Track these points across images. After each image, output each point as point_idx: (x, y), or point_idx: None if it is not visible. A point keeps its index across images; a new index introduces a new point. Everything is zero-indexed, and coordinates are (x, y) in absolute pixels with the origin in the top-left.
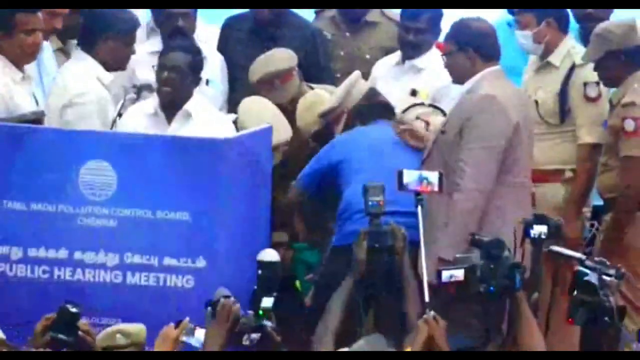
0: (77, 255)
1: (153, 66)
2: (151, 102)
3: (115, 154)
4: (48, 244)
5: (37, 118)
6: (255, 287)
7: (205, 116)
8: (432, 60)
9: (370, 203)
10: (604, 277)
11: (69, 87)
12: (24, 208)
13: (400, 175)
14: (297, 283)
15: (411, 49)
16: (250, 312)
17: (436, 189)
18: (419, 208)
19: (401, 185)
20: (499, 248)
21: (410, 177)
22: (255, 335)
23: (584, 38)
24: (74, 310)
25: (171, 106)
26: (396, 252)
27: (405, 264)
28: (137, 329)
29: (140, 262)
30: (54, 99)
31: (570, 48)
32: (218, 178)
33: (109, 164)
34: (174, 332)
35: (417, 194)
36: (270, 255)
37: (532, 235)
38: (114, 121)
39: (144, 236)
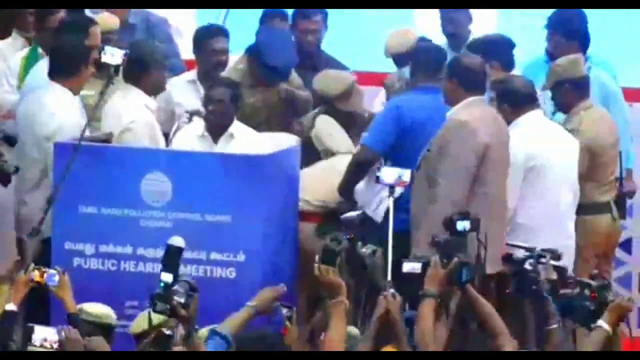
0: (140, 251)
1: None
2: (199, 125)
3: (171, 168)
4: (116, 242)
5: (107, 139)
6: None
7: (245, 137)
8: None
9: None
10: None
11: (122, 116)
12: (95, 212)
13: (379, 171)
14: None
15: None
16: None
17: (407, 182)
18: (391, 198)
19: (378, 180)
20: (451, 248)
21: (389, 174)
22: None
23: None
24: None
25: (217, 130)
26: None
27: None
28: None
29: (191, 257)
30: (109, 126)
31: None
32: (255, 187)
33: (166, 176)
34: (23, 276)
35: (392, 187)
36: (178, 241)
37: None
38: (170, 140)
39: (194, 235)
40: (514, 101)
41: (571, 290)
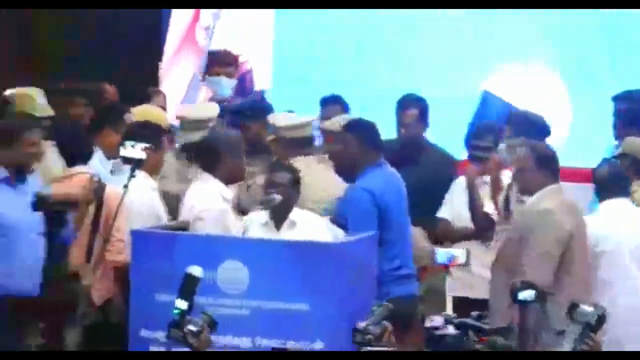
0: (216, 339)
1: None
2: (263, 213)
3: (248, 255)
4: None
5: (184, 226)
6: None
7: (307, 224)
8: None
9: None
10: None
11: (195, 205)
12: (172, 299)
13: (433, 253)
14: None
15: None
16: None
17: (463, 263)
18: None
19: (434, 262)
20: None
21: (441, 255)
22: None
23: None
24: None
25: (279, 216)
26: None
27: None
28: None
29: (268, 345)
30: (185, 214)
31: None
32: (330, 275)
33: (242, 264)
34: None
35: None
36: (196, 270)
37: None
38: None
39: (271, 323)
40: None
41: None
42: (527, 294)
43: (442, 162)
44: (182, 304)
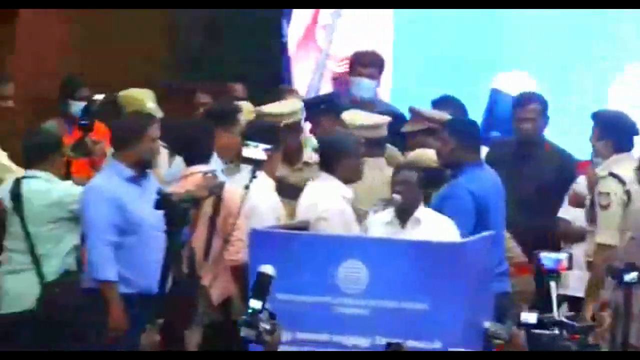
0: (336, 338)
1: None
2: (388, 212)
3: (367, 255)
4: (312, 329)
5: (303, 226)
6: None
7: (432, 223)
8: None
9: None
10: None
11: (318, 204)
12: (292, 299)
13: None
14: None
15: None
16: None
17: (566, 267)
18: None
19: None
20: None
21: (549, 260)
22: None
23: None
24: None
25: (404, 214)
26: None
27: None
28: None
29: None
30: (305, 213)
31: None
32: (450, 275)
33: (362, 263)
34: None
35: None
36: (269, 269)
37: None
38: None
39: (390, 322)
40: None
41: None
42: (632, 276)
43: (562, 161)
44: (256, 304)
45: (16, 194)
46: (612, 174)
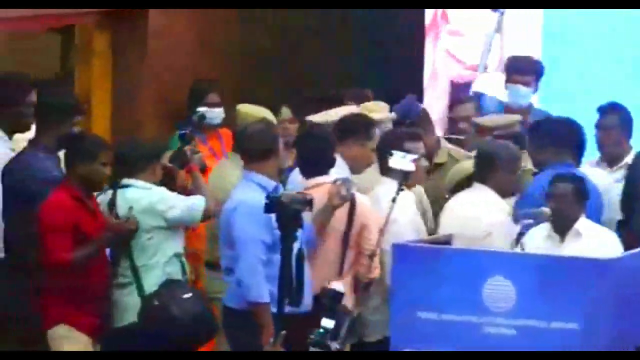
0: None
1: None
2: (546, 225)
3: (515, 271)
4: (457, 348)
5: (444, 240)
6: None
7: (594, 236)
8: None
9: None
10: None
11: (481, 219)
12: (435, 317)
13: None
14: None
15: None
16: None
17: None
18: None
19: None
20: None
21: None
22: None
23: None
24: None
25: (562, 228)
26: None
27: None
28: None
29: None
30: (463, 226)
31: None
32: (602, 292)
33: (510, 281)
34: None
35: None
36: (339, 287)
37: None
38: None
39: (538, 343)
40: None
41: None
42: None
43: None
44: (328, 323)
45: (112, 203)
46: None
